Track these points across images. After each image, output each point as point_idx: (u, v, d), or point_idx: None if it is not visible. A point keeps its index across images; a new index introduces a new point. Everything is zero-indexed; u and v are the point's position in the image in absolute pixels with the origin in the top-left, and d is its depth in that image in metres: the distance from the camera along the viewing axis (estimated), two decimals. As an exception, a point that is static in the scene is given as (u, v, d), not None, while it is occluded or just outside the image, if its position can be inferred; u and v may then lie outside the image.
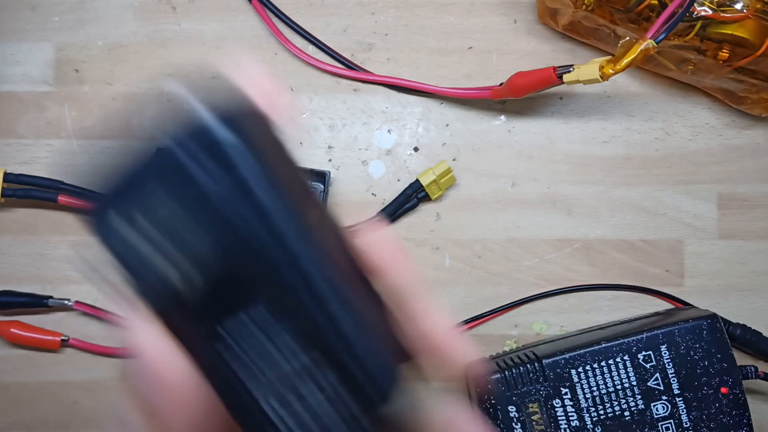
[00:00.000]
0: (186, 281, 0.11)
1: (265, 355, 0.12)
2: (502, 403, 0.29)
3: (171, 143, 0.11)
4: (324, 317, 0.12)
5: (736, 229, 0.34)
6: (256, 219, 0.11)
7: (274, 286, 0.12)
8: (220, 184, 0.11)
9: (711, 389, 0.29)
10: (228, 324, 0.12)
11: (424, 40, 0.35)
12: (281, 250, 0.12)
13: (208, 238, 0.11)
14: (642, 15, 0.31)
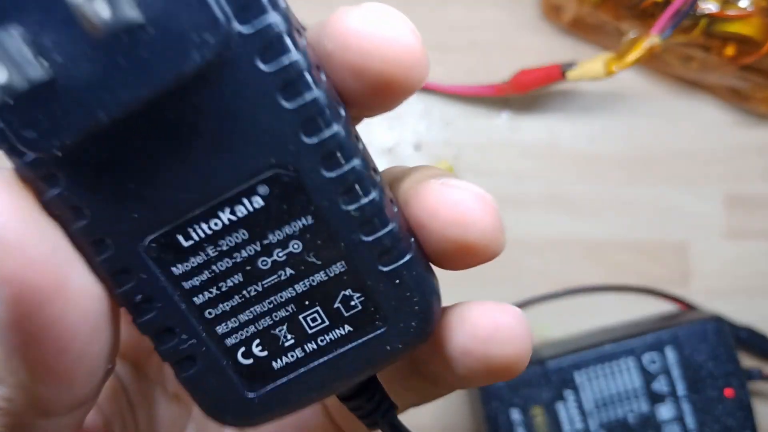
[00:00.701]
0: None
1: (249, 275, 0.10)
2: (505, 405, 0.29)
3: None
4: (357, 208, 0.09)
5: (743, 229, 0.34)
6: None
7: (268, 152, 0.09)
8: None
9: (716, 392, 0.29)
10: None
11: (425, 36, 0.34)
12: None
13: None
14: (647, 11, 0.31)
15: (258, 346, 0.10)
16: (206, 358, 0.10)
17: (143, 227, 0.09)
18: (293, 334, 0.10)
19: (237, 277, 0.10)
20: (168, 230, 0.09)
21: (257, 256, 0.10)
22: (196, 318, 0.10)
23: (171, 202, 0.09)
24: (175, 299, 0.10)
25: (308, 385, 0.10)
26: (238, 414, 0.10)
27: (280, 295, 0.10)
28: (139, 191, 0.09)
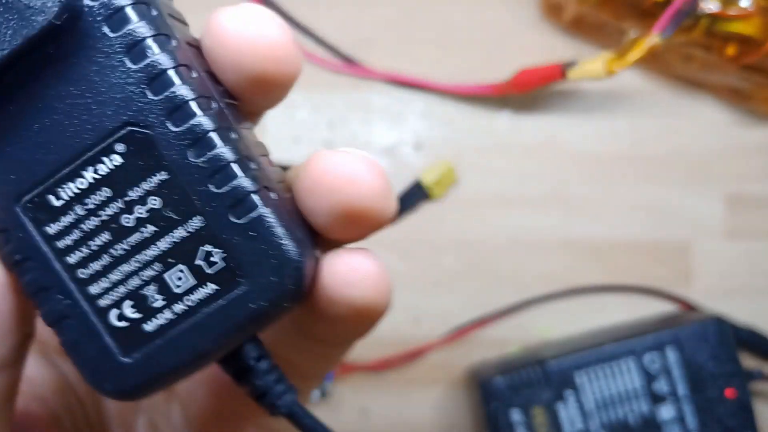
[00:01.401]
0: None
1: (115, 234, 0.10)
2: (506, 406, 0.29)
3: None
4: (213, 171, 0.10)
5: (744, 229, 0.34)
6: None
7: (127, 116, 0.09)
8: None
9: (717, 392, 0.29)
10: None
11: (425, 36, 0.34)
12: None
13: None
14: (647, 11, 0.30)
15: (130, 308, 0.10)
16: (81, 320, 0.10)
17: (17, 188, 0.10)
18: (162, 294, 0.10)
19: (105, 236, 0.10)
20: (40, 191, 0.10)
21: (121, 212, 0.10)
22: (69, 277, 0.10)
23: (41, 163, 0.10)
24: (50, 258, 0.10)
25: (182, 349, 0.10)
26: (116, 381, 0.10)
27: (145, 252, 0.10)
28: (10, 154, 0.10)
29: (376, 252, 0.13)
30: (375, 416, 0.33)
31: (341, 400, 0.33)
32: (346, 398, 0.33)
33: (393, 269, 0.33)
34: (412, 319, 0.33)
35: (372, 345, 0.32)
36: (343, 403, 0.33)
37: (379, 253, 0.13)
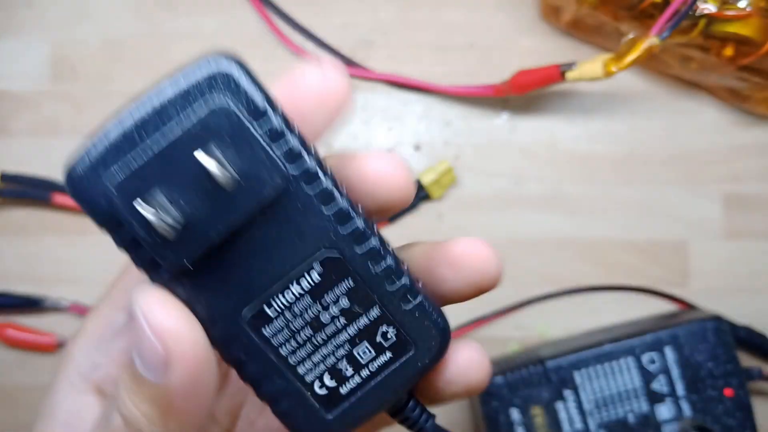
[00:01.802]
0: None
1: (315, 327, 0.14)
2: (505, 405, 0.29)
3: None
4: (382, 273, 0.14)
5: (741, 229, 0.34)
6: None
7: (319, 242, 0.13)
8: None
9: (715, 391, 0.29)
10: (276, 300, 0.13)
11: (424, 37, 0.34)
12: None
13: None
14: (645, 12, 0.31)
15: (329, 379, 0.14)
16: (294, 393, 0.14)
17: (241, 304, 0.13)
18: (352, 365, 0.14)
19: (308, 330, 0.14)
20: (258, 304, 0.13)
21: (320, 313, 0.14)
22: (283, 364, 0.14)
23: (257, 283, 0.13)
24: (268, 353, 0.14)
25: (370, 401, 0.14)
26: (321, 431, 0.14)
27: (338, 338, 0.14)
28: (235, 279, 0.13)
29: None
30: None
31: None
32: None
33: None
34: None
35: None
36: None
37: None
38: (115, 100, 0.35)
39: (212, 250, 0.13)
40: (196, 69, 0.13)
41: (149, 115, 0.12)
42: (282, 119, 0.13)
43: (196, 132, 0.12)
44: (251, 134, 0.12)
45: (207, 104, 0.12)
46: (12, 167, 0.33)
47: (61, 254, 0.34)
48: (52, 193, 0.33)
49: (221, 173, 0.12)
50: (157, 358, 0.12)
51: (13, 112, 0.34)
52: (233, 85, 0.13)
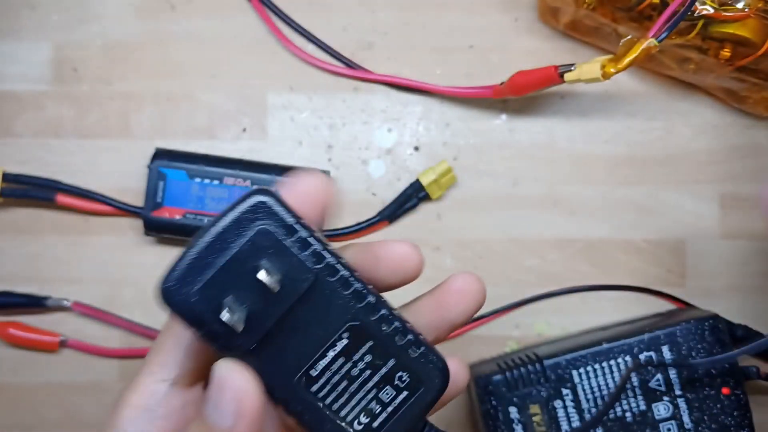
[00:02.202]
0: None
1: (349, 380, 0.18)
2: (503, 404, 0.29)
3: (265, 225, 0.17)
4: (392, 331, 0.18)
5: (738, 229, 0.34)
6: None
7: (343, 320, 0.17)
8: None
9: (712, 390, 0.29)
10: (317, 364, 0.18)
11: (424, 39, 0.35)
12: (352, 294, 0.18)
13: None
14: (644, 14, 0.31)
15: (364, 417, 0.18)
16: (339, 431, 0.18)
17: (294, 370, 0.18)
18: (379, 404, 0.18)
19: (344, 383, 0.18)
20: (306, 368, 0.18)
21: (351, 368, 0.18)
22: (329, 411, 0.18)
23: (305, 354, 0.18)
24: (317, 404, 0.18)
25: (395, 430, 0.18)
26: None
27: (367, 385, 0.18)
28: (289, 353, 0.17)
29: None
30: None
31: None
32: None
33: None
34: (411, 318, 0.33)
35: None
36: None
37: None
38: (117, 101, 0.35)
39: (268, 334, 0.17)
40: (243, 202, 0.17)
41: (214, 240, 0.17)
42: (306, 230, 0.17)
43: (248, 249, 0.17)
44: (285, 247, 0.17)
45: (253, 228, 0.17)
46: (15, 168, 0.34)
47: (64, 254, 0.34)
48: (55, 193, 0.33)
49: (271, 281, 0.16)
50: (232, 409, 0.16)
51: (16, 112, 0.34)
52: (270, 211, 0.17)
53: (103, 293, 0.34)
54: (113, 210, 0.33)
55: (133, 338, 0.33)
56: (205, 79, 0.34)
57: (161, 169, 0.32)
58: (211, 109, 0.34)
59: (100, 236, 0.34)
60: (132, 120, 0.34)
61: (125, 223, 0.34)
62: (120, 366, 0.34)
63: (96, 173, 0.34)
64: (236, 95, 0.34)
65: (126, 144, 0.34)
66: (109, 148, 0.34)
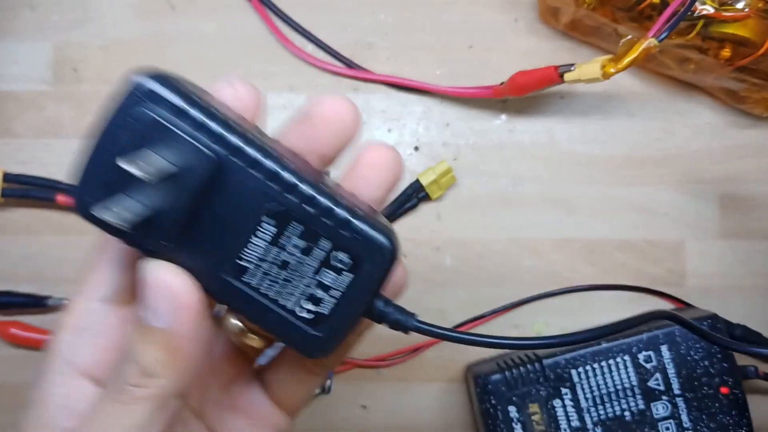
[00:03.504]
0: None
1: (283, 267, 0.17)
2: (503, 403, 0.29)
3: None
4: (320, 210, 0.16)
5: (737, 229, 0.34)
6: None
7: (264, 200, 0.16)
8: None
9: (711, 389, 0.29)
10: (247, 251, 0.16)
11: (424, 39, 0.35)
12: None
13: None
14: (644, 14, 0.31)
15: (308, 303, 0.17)
16: (285, 321, 0.17)
17: (219, 262, 0.16)
18: (322, 290, 0.17)
19: (279, 270, 0.17)
20: (232, 258, 0.16)
21: (282, 255, 0.17)
22: (270, 301, 0.17)
23: (228, 242, 0.16)
24: (254, 296, 0.17)
25: (345, 315, 0.17)
26: (317, 347, 0.17)
27: (305, 270, 0.17)
28: (211, 241, 0.16)
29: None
30: (374, 411, 0.34)
31: (341, 395, 0.33)
32: (346, 394, 0.33)
33: (393, 268, 0.33)
34: (411, 318, 0.34)
35: (371, 342, 0.33)
36: (343, 398, 0.33)
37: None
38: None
39: (183, 229, 0.16)
40: (122, 89, 0.16)
41: (102, 141, 0.16)
42: (202, 111, 0.16)
43: (132, 142, 0.15)
44: (172, 131, 0.15)
45: (134, 116, 0.15)
46: (15, 168, 0.34)
47: (64, 254, 0.34)
48: (55, 193, 0.33)
49: (142, 171, 0.15)
50: (167, 307, 0.16)
51: (16, 113, 0.34)
52: (152, 94, 0.15)
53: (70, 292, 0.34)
54: (114, 210, 0.33)
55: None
56: (205, 79, 0.34)
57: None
58: (211, 109, 0.34)
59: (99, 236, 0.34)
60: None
61: (126, 223, 0.34)
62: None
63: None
64: (236, 95, 0.34)
65: (126, 144, 0.34)
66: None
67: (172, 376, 0.16)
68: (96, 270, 0.19)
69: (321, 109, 0.18)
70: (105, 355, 0.18)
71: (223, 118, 0.16)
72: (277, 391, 0.21)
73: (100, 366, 0.18)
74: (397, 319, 0.18)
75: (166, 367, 0.16)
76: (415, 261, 0.34)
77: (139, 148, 0.15)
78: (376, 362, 0.33)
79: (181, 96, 0.16)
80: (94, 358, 0.18)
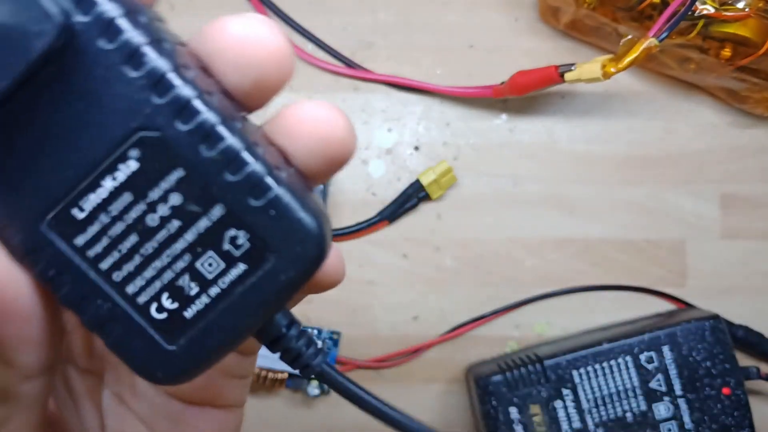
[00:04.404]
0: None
1: (141, 234, 0.11)
2: (504, 404, 0.29)
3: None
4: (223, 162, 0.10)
5: (738, 230, 0.34)
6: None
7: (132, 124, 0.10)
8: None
9: (713, 390, 0.29)
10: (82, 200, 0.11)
11: (424, 39, 0.35)
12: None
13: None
14: (644, 13, 0.31)
15: (168, 299, 0.11)
16: (124, 319, 0.11)
17: (40, 209, 0.10)
18: (196, 282, 0.11)
19: (133, 238, 0.11)
20: (62, 207, 0.10)
21: (145, 214, 0.11)
22: (106, 282, 0.11)
23: (59, 180, 0.10)
24: (84, 268, 0.11)
25: (223, 329, 0.11)
26: (165, 369, 0.11)
27: (174, 246, 0.11)
28: (28, 177, 0.10)
29: (376, 250, 0.14)
30: (375, 413, 0.33)
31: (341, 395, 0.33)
32: (346, 396, 0.33)
33: (393, 268, 0.33)
34: (411, 317, 0.33)
35: (371, 342, 0.33)
36: (343, 398, 0.33)
37: (379, 252, 0.14)
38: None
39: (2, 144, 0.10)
40: None
41: None
42: None
43: None
44: None
45: None
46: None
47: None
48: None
49: None
50: None
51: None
52: None
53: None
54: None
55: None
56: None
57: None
58: (210, 108, 0.34)
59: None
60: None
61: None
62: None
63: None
64: (236, 95, 0.34)
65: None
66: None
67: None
68: None
69: (292, 116, 0.12)
70: None
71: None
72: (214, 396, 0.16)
73: None
74: (300, 353, 0.12)
75: None
76: (415, 261, 0.34)
77: None
78: (376, 363, 0.33)
79: None
80: None
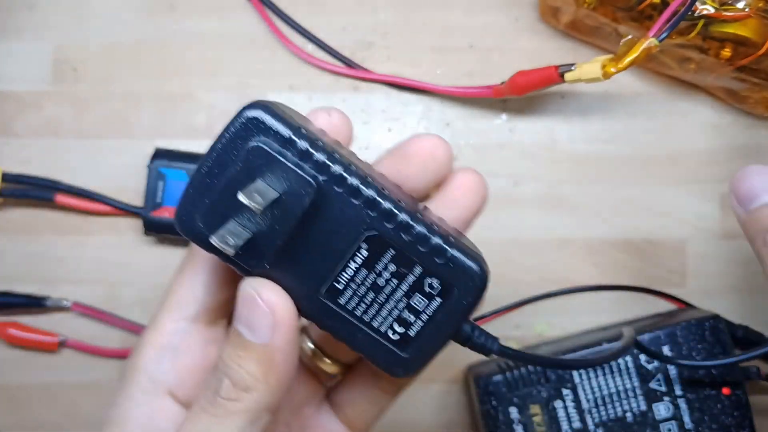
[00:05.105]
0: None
1: (376, 290, 0.17)
2: (504, 404, 0.29)
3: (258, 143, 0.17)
4: (414, 238, 0.17)
5: (738, 230, 0.33)
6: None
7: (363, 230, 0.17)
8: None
9: (713, 390, 0.29)
10: (342, 275, 0.17)
11: (424, 39, 0.35)
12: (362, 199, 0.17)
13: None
14: (644, 13, 0.31)
15: (398, 326, 0.18)
16: (374, 342, 0.18)
17: (317, 286, 0.18)
18: (412, 313, 0.18)
19: (371, 293, 0.18)
20: (330, 283, 0.17)
21: (376, 279, 0.17)
22: (361, 322, 0.18)
23: (326, 268, 0.17)
24: (347, 316, 0.18)
25: (433, 339, 0.18)
26: (404, 368, 0.18)
27: (396, 295, 0.18)
28: (311, 268, 0.17)
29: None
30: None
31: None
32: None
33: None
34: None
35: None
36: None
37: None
38: (117, 101, 0.35)
39: (282, 251, 0.17)
40: (235, 120, 0.17)
41: (212, 164, 0.17)
42: (307, 140, 0.17)
43: (244, 170, 0.16)
44: (281, 161, 0.16)
45: (247, 147, 0.16)
46: (14, 167, 0.34)
47: (63, 254, 0.34)
48: (54, 193, 0.33)
49: (255, 203, 0.16)
50: (266, 323, 0.16)
51: (16, 112, 0.34)
52: (263, 126, 0.16)
53: (103, 293, 0.34)
54: (113, 210, 0.33)
55: (133, 338, 0.33)
56: (205, 78, 0.34)
57: (161, 169, 0.32)
58: (210, 108, 0.34)
59: (99, 236, 0.34)
60: (132, 120, 0.34)
61: (125, 223, 0.34)
62: (119, 366, 0.34)
63: (95, 173, 0.34)
64: (236, 95, 0.34)
65: (126, 144, 0.34)
66: (109, 148, 0.34)
67: (267, 390, 0.17)
68: (182, 288, 0.19)
69: (416, 147, 0.19)
70: (189, 375, 0.18)
71: (324, 147, 0.17)
72: (348, 412, 0.21)
73: (184, 385, 0.18)
74: (482, 343, 0.18)
75: (260, 382, 0.17)
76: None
77: (248, 176, 0.16)
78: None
79: (287, 126, 0.17)
80: (178, 377, 0.18)
